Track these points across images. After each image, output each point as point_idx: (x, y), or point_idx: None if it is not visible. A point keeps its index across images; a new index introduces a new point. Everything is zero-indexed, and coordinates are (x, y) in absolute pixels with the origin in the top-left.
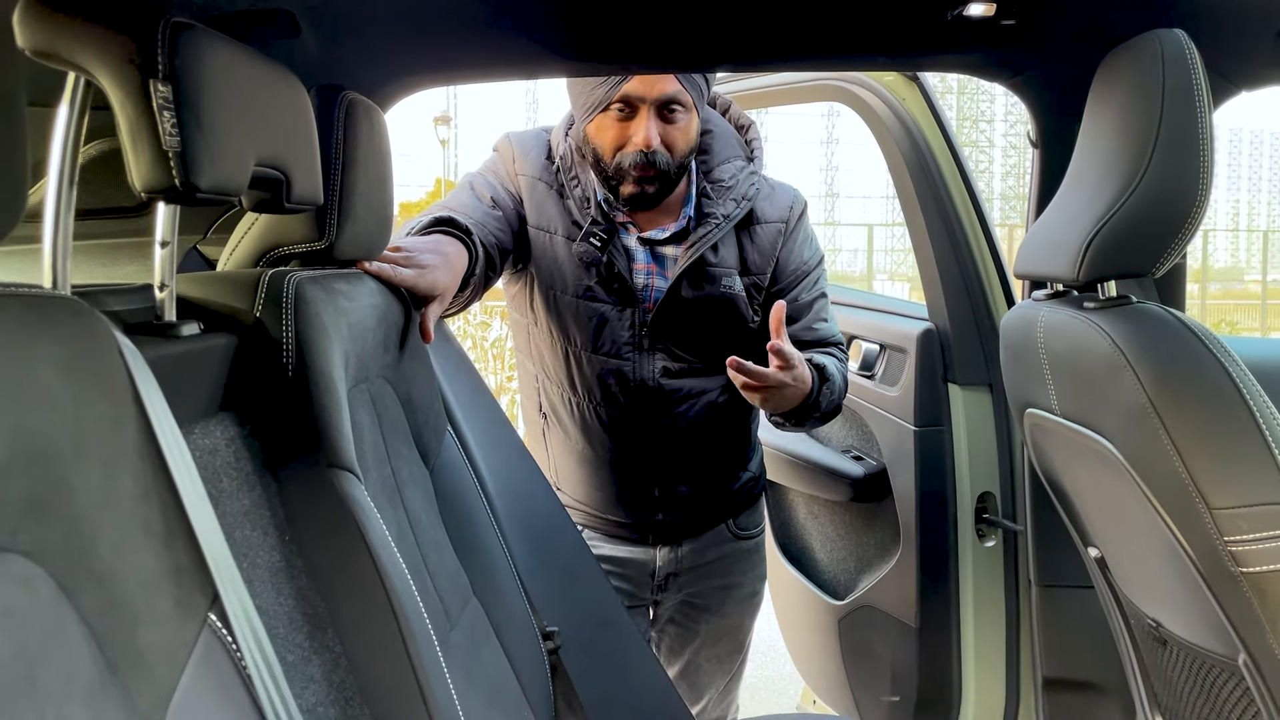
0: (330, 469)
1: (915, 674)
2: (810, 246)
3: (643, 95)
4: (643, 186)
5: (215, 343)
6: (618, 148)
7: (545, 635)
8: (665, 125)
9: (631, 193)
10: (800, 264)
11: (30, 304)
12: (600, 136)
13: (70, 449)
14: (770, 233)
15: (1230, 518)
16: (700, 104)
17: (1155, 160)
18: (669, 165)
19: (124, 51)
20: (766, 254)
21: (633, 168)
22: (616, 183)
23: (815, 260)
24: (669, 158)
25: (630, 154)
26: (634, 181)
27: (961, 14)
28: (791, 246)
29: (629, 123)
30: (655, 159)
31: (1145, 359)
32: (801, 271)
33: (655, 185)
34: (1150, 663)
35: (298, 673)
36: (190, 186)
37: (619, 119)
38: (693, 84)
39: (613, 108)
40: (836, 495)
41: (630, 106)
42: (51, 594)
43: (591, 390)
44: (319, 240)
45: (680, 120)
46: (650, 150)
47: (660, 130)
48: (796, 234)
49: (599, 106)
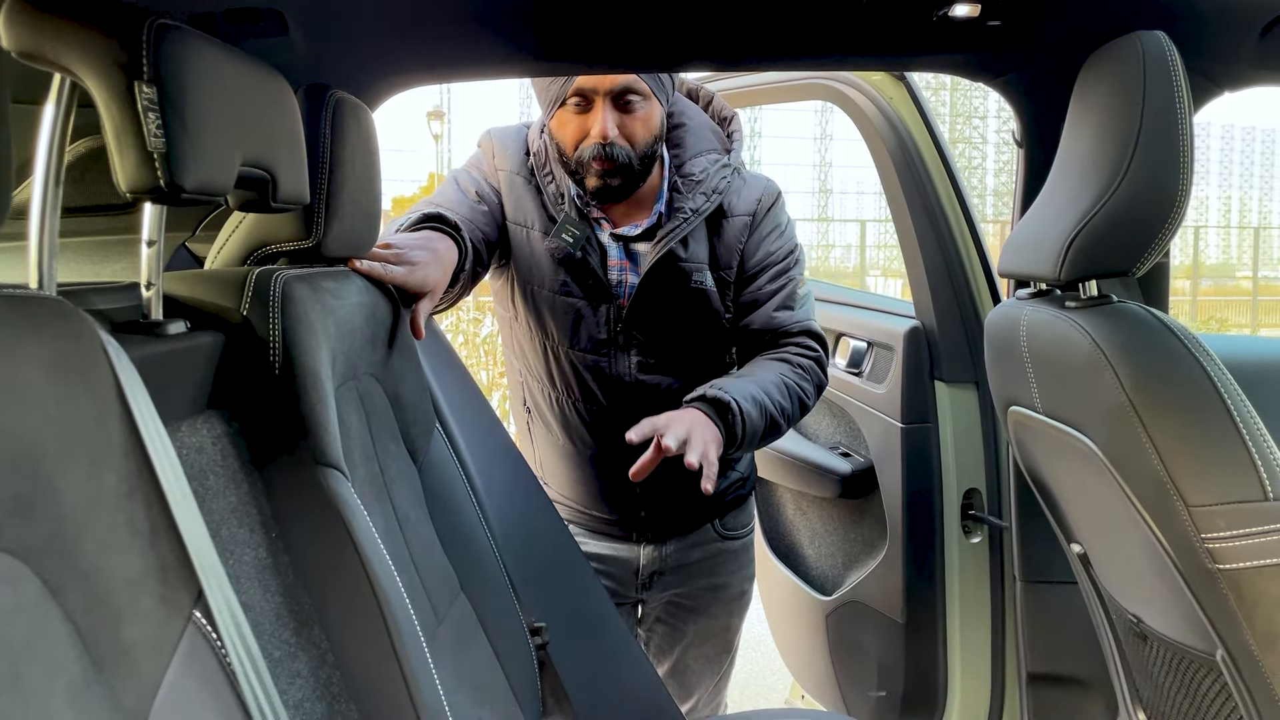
0: (317, 466)
1: (902, 669)
2: (779, 238)
3: (595, 87)
4: (605, 180)
5: (202, 341)
6: (578, 141)
7: (533, 631)
8: (623, 116)
9: (595, 186)
10: (765, 254)
11: (14, 304)
12: (562, 131)
13: (55, 448)
14: (737, 226)
15: (1208, 515)
16: (660, 93)
17: (1136, 161)
18: (629, 157)
19: (109, 53)
20: (733, 247)
21: (593, 160)
22: (580, 176)
23: (783, 251)
24: (628, 149)
25: (589, 147)
26: (596, 175)
27: (947, 15)
28: (758, 238)
29: (586, 115)
30: (614, 151)
31: (1125, 358)
32: (768, 262)
33: (618, 179)
34: (1132, 658)
35: (284, 669)
36: (175, 187)
37: (576, 112)
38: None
39: (570, 102)
40: (824, 491)
41: (586, 99)
42: (36, 592)
43: (570, 386)
44: (307, 238)
45: (639, 110)
46: (607, 142)
47: (618, 121)
48: (764, 225)
49: (556, 102)
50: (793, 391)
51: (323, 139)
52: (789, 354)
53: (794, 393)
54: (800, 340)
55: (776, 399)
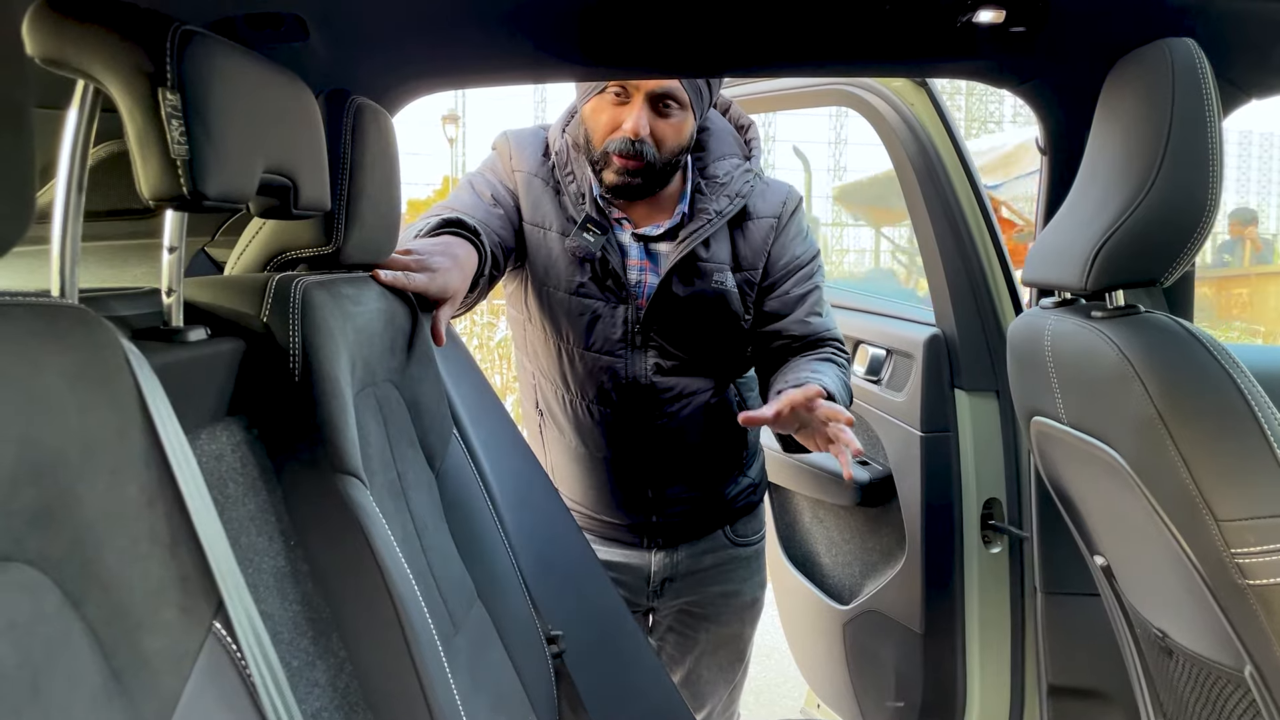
0: (336, 474)
1: (920, 680)
2: (803, 242)
3: (638, 83)
4: (627, 176)
5: (222, 348)
6: (608, 132)
7: (550, 639)
8: (658, 119)
9: (614, 181)
10: (792, 258)
11: (37, 312)
12: (594, 118)
13: (77, 458)
14: (763, 228)
15: (1237, 530)
16: (699, 107)
17: (1164, 169)
18: (655, 158)
19: (133, 60)
20: (758, 249)
21: (618, 154)
22: (601, 168)
23: (808, 255)
24: (655, 151)
25: (618, 139)
26: (617, 171)
27: (971, 20)
28: (784, 241)
29: (622, 108)
30: (642, 149)
31: (1153, 370)
32: (794, 266)
33: (640, 177)
34: (1156, 672)
35: (302, 678)
36: (198, 195)
37: (614, 103)
38: (692, 85)
39: (609, 91)
40: (842, 500)
41: (625, 92)
42: (57, 603)
43: (584, 387)
44: (327, 244)
45: (674, 116)
46: (637, 139)
47: (651, 121)
48: (789, 229)
49: (596, 88)
50: (848, 388)
51: (343, 145)
52: (830, 355)
53: (849, 389)
54: (834, 345)
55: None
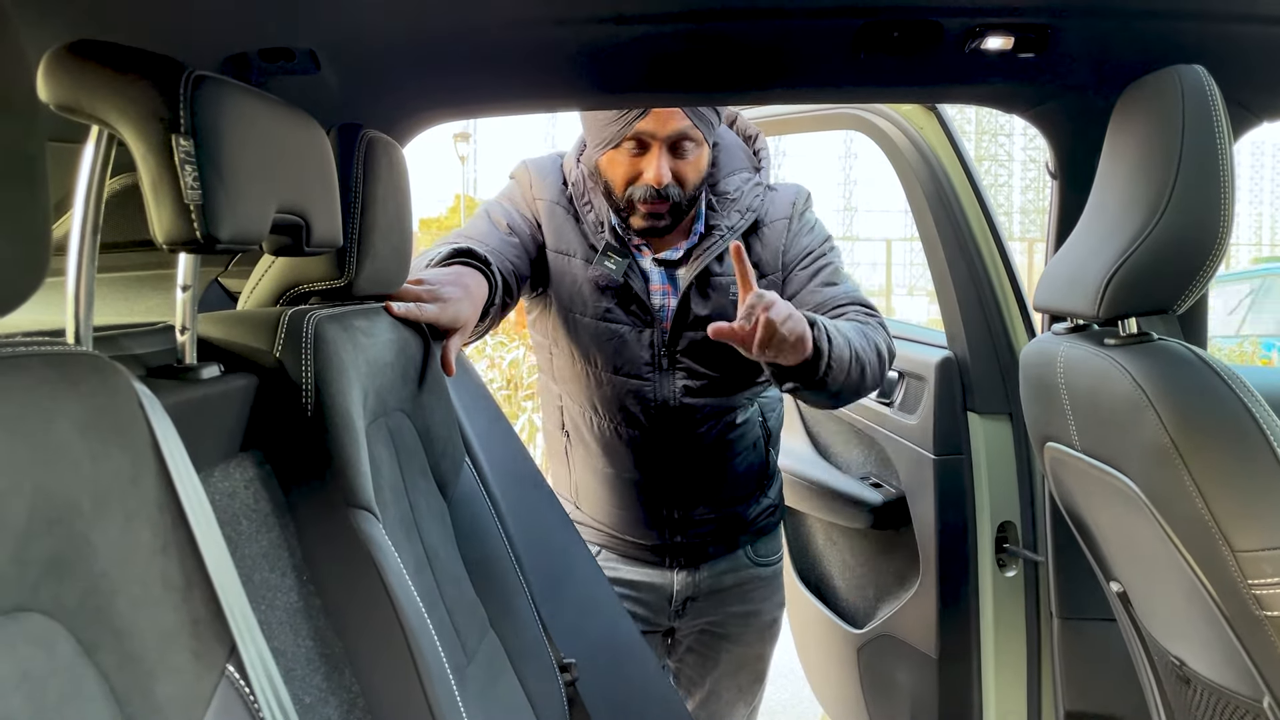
0: (348, 508)
1: (935, 705)
2: (810, 232)
3: (654, 133)
4: (654, 220)
5: (235, 384)
6: (629, 181)
7: (562, 667)
8: (676, 160)
9: (643, 226)
10: (801, 249)
11: (51, 361)
12: (612, 170)
13: (90, 506)
14: (777, 230)
15: (1254, 560)
16: (710, 135)
17: (1176, 196)
18: (680, 198)
19: (147, 106)
20: (775, 252)
21: (642, 202)
22: (628, 214)
23: (817, 242)
24: (680, 191)
25: (641, 188)
26: (644, 216)
27: (980, 47)
28: (796, 234)
29: (640, 158)
30: (668, 193)
31: (1167, 398)
32: (804, 254)
33: (666, 220)
34: (1173, 699)
35: (315, 714)
36: (211, 239)
37: (631, 155)
38: (702, 119)
39: (625, 144)
40: (855, 523)
41: (642, 144)
42: (71, 652)
43: (613, 410)
44: (339, 278)
45: (691, 154)
46: (661, 186)
47: (671, 165)
48: (799, 225)
49: (611, 143)
50: (870, 339)
51: (355, 179)
52: (849, 316)
53: (870, 340)
54: (854, 309)
55: (855, 340)
